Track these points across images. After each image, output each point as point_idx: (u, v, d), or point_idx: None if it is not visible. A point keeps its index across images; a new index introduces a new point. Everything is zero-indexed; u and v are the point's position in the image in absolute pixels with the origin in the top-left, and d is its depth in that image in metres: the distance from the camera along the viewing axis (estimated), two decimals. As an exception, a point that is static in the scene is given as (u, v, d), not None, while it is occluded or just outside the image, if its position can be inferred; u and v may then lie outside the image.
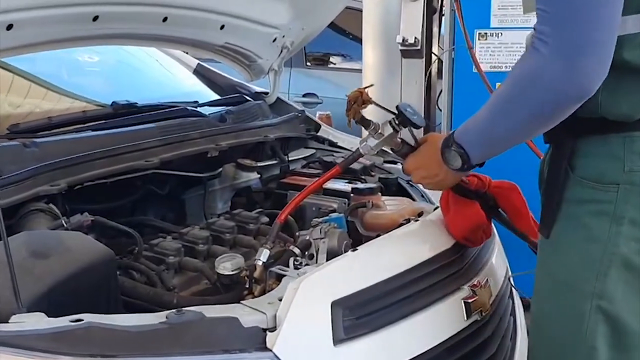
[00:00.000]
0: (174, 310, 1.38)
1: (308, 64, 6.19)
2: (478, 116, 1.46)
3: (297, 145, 2.76)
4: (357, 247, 1.64)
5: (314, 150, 2.79)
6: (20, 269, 1.36)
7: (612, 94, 1.32)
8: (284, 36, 2.72)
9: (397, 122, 1.68)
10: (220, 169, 2.40)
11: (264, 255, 1.64)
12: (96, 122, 2.12)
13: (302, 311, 1.41)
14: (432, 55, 3.84)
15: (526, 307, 2.21)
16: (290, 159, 2.64)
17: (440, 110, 3.78)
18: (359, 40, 6.04)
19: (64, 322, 1.31)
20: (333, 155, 2.64)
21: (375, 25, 3.94)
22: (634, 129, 1.36)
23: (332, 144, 2.83)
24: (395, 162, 2.64)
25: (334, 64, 6.49)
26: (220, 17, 2.41)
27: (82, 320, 1.32)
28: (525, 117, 1.37)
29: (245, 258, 1.79)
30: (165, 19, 2.21)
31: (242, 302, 1.48)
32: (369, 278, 1.53)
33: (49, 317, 1.33)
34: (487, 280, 1.82)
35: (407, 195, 2.38)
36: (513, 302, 2.08)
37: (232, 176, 2.42)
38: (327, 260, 1.72)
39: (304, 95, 5.86)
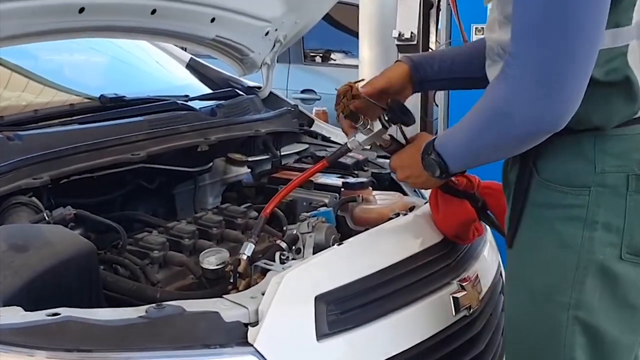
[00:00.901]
0: (153, 305, 1.36)
1: (306, 60, 6.16)
2: (458, 129, 1.43)
3: (290, 140, 2.73)
4: (342, 241, 1.61)
5: (307, 145, 2.76)
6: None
7: (582, 107, 1.23)
8: (276, 30, 2.68)
9: (386, 118, 1.65)
10: (211, 163, 2.37)
11: (248, 249, 1.62)
12: (83, 116, 2.09)
13: (285, 305, 1.38)
14: (429, 50, 3.80)
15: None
16: (282, 153, 2.61)
17: (437, 105, 3.75)
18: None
19: (40, 316, 1.29)
20: (326, 150, 2.60)
21: (371, 20, 3.91)
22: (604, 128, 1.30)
23: (325, 138, 2.80)
24: (388, 157, 2.61)
25: (335, 60, 6.47)
26: (210, 9, 2.38)
27: (59, 314, 1.30)
28: (498, 144, 1.35)
29: (233, 253, 1.77)
30: (154, 12, 2.18)
31: (224, 296, 1.46)
32: (354, 272, 1.51)
33: (26, 311, 1.31)
34: (476, 275, 1.79)
35: (400, 190, 2.35)
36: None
37: (222, 170, 2.39)
38: (314, 254, 1.70)
39: (302, 92, 5.84)
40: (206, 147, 2.27)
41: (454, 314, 1.64)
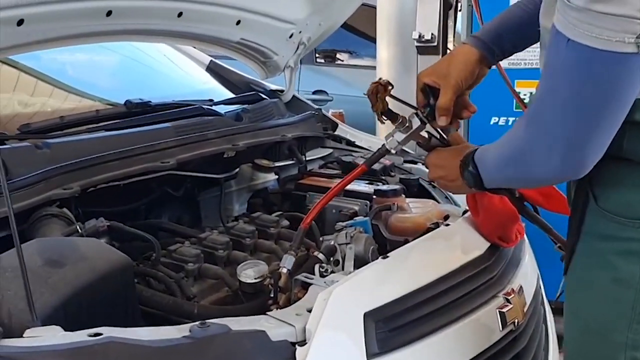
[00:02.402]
0: (197, 323, 1.30)
1: (318, 61, 6.11)
2: (493, 150, 1.39)
3: (314, 144, 2.68)
4: (388, 254, 1.55)
5: (331, 150, 2.71)
6: (34, 278, 1.29)
7: (636, 142, 1.19)
8: (300, 32, 2.63)
9: (424, 114, 1.59)
10: (237, 169, 2.32)
11: (288, 262, 1.56)
12: (109, 122, 2.04)
13: (334, 324, 1.33)
14: (448, 51, 3.75)
15: (554, 311, 2.13)
16: (307, 158, 2.56)
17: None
18: (365, 36, 6.01)
19: (81, 336, 1.23)
20: (352, 155, 2.56)
21: (389, 21, 3.85)
22: None
23: (350, 143, 2.75)
24: (415, 162, 2.56)
25: (342, 60, 6.42)
26: (236, 12, 2.32)
27: (101, 334, 1.24)
28: (519, 181, 1.41)
29: (266, 264, 1.71)
30: (180, 14, 2.12)
31: (268, 313, 1.40)
32: (402, 287, 1.45)
33: (65, 330, 1.26)
34: (520, 287, 1.74)
35: (429, 196, 2.30)
36: (544, 309, 2.00)
37: (249, 177, 2.33)
38: (354, 266, 1.64)
39: (313, 93, 5.78)
40: (233, 153, 2.22)
41: (500, 329, 1.58)
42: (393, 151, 1.64)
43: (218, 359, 1.25)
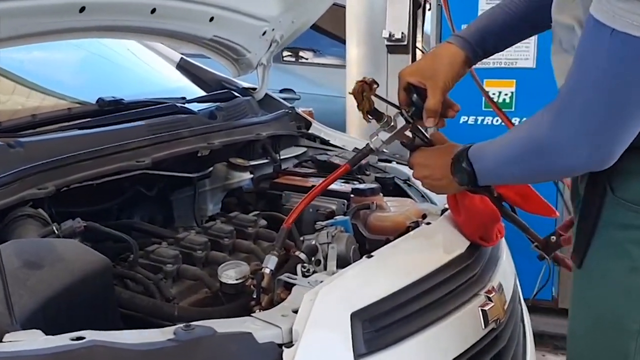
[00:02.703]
0: (181, 326, 1.27)
1: (285, 59, 6.08)
2: (497, 146, 1.39)
3: (288, 143, 2.66)
4: (372, 254, 1.54)
5: (305, 149, 2.69)
6: (11, 280, 1.25)
7: None
8: (273, 29, 2.61)
9: (409, 113, 1.58)
10: (211, 168, 2.29)
11: (271, 262, 1.54)
12: (82, 120, 1.99)
13: (321, 324, 1.31)
14: (417, 50, 3.75)
15: (530, 309, 2.15)
16: (281, 157, 2.54)
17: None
18: (329, 34, 6.00)
19: (64, 340, 1.20)
20: (327, 154, 2.54)
21: (359, 20, 3.83)
22: None
23: (324, 141, 2.73)
24: (390, 161, 2.55)
25: (306, 58, 6.40)
26: (209, 9, 2.29)
27: (83, 337, 1.20)
28: (535, 175, 1.38)
29: (247, 264, 1.69)
30: (153, 11, 2.09)
31: (252, 314, 1.38)
32: (387, 287, 1.44)
33: (45, 334, 1.22)
34: (500, 284, 1.74)
35: (405, 195, 2.30)
36: (521, 307, 2.00)
37: (223, 176, 2.30)
38: (337, 266, 1.63)
39: (280, 91, 5.75)
40: (207, 152, 2.19)
41: (483, 327, 1.58)
42: (378, 150, 1.63)
43: (203, 361, 1.23)
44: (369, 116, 1.62)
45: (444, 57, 1.57)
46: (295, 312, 1.35)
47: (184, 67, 2.89)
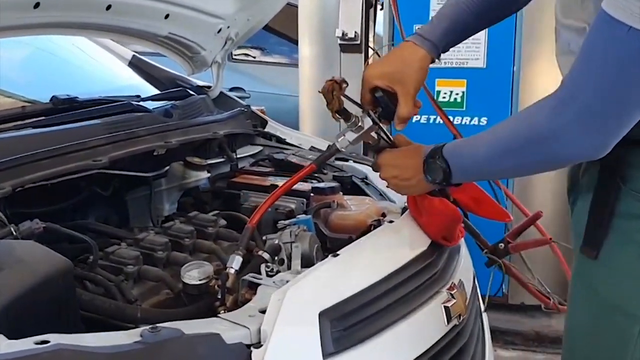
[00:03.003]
0: (147, 327, 1.25)
1: (235, 57, 6.04)
2: (478, 143, 1.40)
3: (244, 142, 2.64)
4: (338, 252, 1.54)
5: (261, 148, 2.67)
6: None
7: None
8: (228, 27, 2.59)
9: (376, 114, 1.59)
10: (167, 167, 2.26)
11: (236, 262, 1.53)
12: (37, 119, 1.94)
13: (289, 324, 1.30)
14: (370, 50, 3.77)
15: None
16: (237, 156, 2.52)
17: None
18: (275, 33, 5.99)
19: (28, 344, 1.17)
20: (283, 153, 2.53)
21: (311, 19, 3.84)
22: None
23: (280, 140, 2.72)
24: (346, 160, 2.56)
25: (254, 57, 6.38)
26: (165, 5, 2.26)
27: (48, 341, 1.17)
28: (525, 167, 1.40)
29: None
30: (109, 7, 2.05)
31: (219, 315, 1.37)
32: (354, 285, 1.44)
33: (8, 338, 1.18)
34: (460, 281, 1.76)
35: (363, 193, 2.31)
36: (479, 303, 2.03)
37: (180, 175, 2.27)
38: (301, 265, 1.62)
39: (230, 90, 5.71)
40: (163, 151, 2.16)
41: (446, 323, 1.59)
42: (344, 150, 1.63)
43: (172, 364, 1.21)
44: (338, 115, 1.62)
45: (413, 61, 1.56)
46: (263, 312, 1.34)
47: (136, 64, 2.84)
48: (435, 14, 1.65)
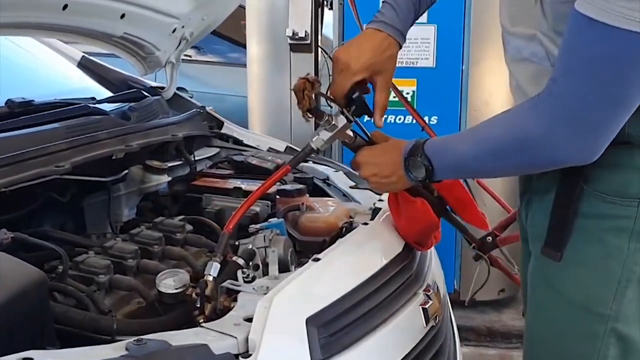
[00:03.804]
0: (132, 340, 1.21)
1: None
2: (460, 141, 1.40)
3: (201, 144, 2.59)
4: (318, 256, 1.52)
5: (218, 149, 2.63)
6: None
7: (635, 124, 1.22)
8: (183, 27, 2.54)
9: (350, 112, 1.57)
10: (125, 171, 2.19)
11: (214, 269, 1.48)
12: (-8, 123, 1.86)
13: (277, 332, 1.28)
14: (320, 49, 3.75)
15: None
16: (195, 159, 2.47)
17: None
18: (214, 33, 5.91)
19: (10, 362, 1.11)
20: (242, 155, 2.49)
21: (260, 18, 3.80)
22: None
23: (237, 141, 2.68)
24: (306, 161, 2.53)
25: (190, 56, 6.28)
26: (121, 5, 2.19)
27: (32, 359, 1.12)
28: (514, 169, 1.40)
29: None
30: (65, 7, 1.97)
31: (203, 325, 1.33)
32: (337, 290, 1.43)
33: (-14, 358, 1.13)
34: (434, 282, 1.77)
35: (325, 195, 2.29)
36: (448, 303, 2.04)
37: (139, 179, 2.21)
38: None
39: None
40: (122, 154, 2.09)
41: (425, 325, 1.59)
42: (320, 150, 1.60)
43: (161, 378, 1.17)
44: (309, 115, 1.59)
45: (387, 50, 1.54)
46: (248, 320, 1.31)
47: (85, 65, 2.75)
48: None
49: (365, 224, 1.77)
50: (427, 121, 3.55)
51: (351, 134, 1.60)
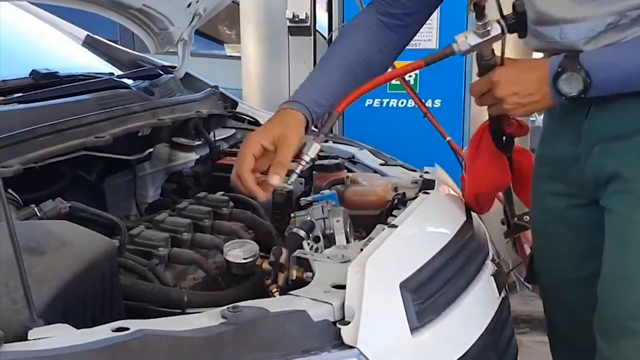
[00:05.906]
0: (227, 308, 1.11)
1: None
2: (627, 54, 1.32)
3: (217, 124, 2.49)
4: (394, 223, 1.44)
5: (234, 130, 2.53)
6: (13, 269, 1.04)
7: None
8: (197, 1, 2.43)
9: (507, 23, 1.40)
10: (150, 149, 2.09)
11: (313, 149, 1.43)
12: (21, 94, 1.73)
13: (374, 299, 1.19)
14: (317, 33, 3.68)
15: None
16: (215, 138, 2.37)
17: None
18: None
19: (105, 332, 1.01)
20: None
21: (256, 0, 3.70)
22: None
23: (252, 122, 2.58)
24: (326, 141, 2.45)
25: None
26: (142, -25, 2.09)
27: (127, 328, 1.02)
28: None
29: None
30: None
31: (291, 292, 1.24)
32: (420, 257, 1.35)
33: (74, 328, 1.03)
34: (497, 251, 1.71)
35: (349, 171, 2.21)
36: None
37: (166, 158, 2.11)
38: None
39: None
40: (148, 131, 1.99)
41: (498, 295, 1.53)
42: (460, 52, 1.42)
43: (264, 345, 1.09)
44: (473, 7, 1.39)
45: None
46: (337, 287, 1.23)
47: (91, 44, 2.63)
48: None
49: (427, 193, 1.69)
50: (430, 104, 3.51)
51: (492, 49, 1.44)
